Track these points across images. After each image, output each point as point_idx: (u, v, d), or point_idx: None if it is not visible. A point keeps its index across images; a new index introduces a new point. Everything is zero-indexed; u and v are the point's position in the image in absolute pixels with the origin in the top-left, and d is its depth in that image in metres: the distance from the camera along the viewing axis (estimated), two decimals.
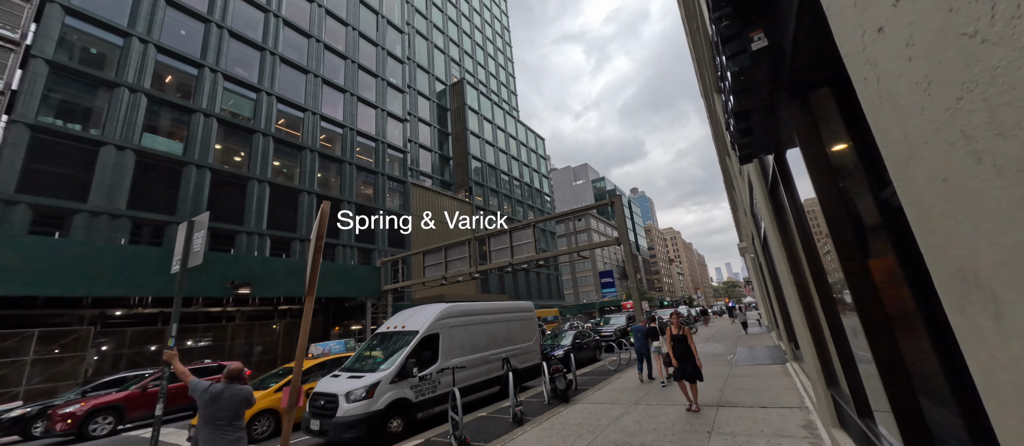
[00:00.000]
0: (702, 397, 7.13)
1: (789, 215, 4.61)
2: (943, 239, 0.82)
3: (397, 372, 6.86)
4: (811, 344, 4.37)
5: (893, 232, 2.10)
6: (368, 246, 28.93)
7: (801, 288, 4.47)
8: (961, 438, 1.89)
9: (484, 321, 9.52)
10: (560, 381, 7.90)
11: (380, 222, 30.32)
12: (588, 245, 20.91)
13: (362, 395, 6.27)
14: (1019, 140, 0.55)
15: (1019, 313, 0.65)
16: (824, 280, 3.41)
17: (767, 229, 5.20)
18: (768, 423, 5.37)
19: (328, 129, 28.33)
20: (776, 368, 9.32)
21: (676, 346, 6.64)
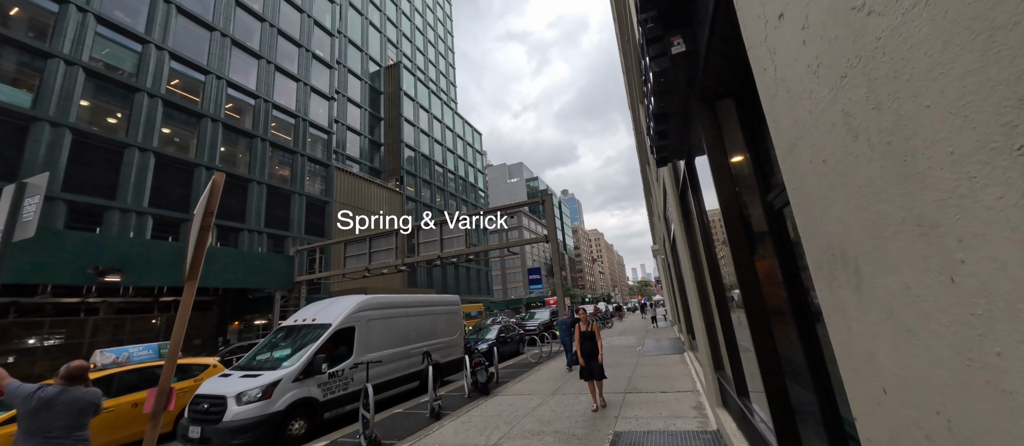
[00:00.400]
0: (613, 385, 7.63)
1: (694, 218, 5.08)
2: (819, 219, 0.87)
3: (303, 369, 6.23)
4: (705, 334, 4.87)
5: (775, 235, 2.36)
6: (281, 232, 26.20)
7: (700, 285, 4.95)
8: (814, 413, 2.19)
9: (407, 314, 9.12)
10: (481, 374, 7.87)
11: (297, 207, 27.65)
12: (519, 241, 21.28)
13: (257, 396, 5.57)
14: (891, 111, 0.57)
15: (876, 283, 0.70)
16: (719, 278, 3.79)
17: (676, 231, 5.68)
18: (666, 406, 5.90)
19: (237, 98, 24.99)
20: (676, 357, 10.35)
21: (584, 343, 6.25)
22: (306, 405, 6.19)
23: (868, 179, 0.66)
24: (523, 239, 20.72)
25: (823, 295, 0.93)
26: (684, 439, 4.55)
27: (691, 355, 9.67)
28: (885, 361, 0.71)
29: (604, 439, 4.82)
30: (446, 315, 10.74)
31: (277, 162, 27.04)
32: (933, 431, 0.60)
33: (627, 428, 5.12)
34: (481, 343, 13.59)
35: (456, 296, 11.51)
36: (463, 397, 7.97)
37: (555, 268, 19.75)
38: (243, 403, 5.51)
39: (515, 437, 5.21)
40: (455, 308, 11.19)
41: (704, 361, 5.02)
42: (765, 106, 1.07)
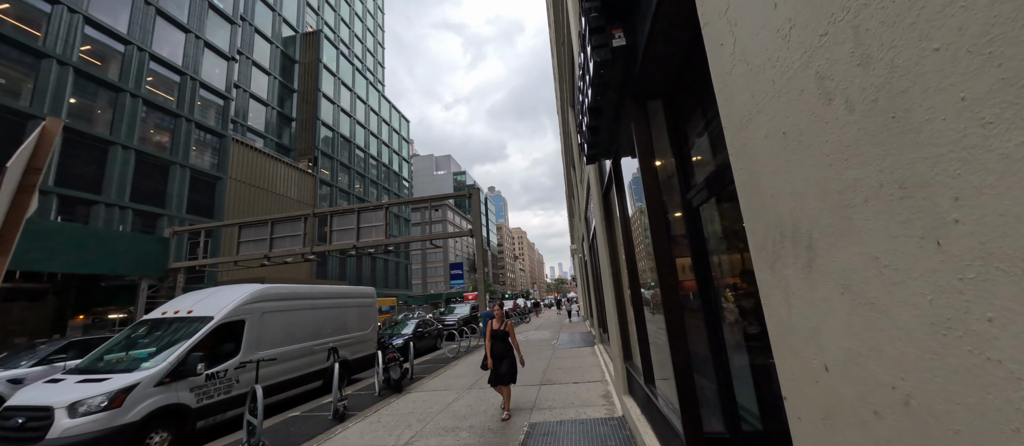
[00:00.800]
0: (529, 377, 7.77)
1: (616, 216, 5.35)
2: (768, 197, 0.85)
3: (170, 370, 5.18)
4: (617, 327, 5.16)
5: (692, 233, 2.52)
6: (153, 209, 22.05)
7: (616, 280, 5.24)
8: (714, 396, 2.38)
9: (312, 307, 8.21)
10: (394, 371, 7.42)
11: (178, 180, 23.51)
12: (443, 235, 20.75)
13: (100, 405, 4.45)
14: (883, 63, 0.53)
15: (833, 257, 0.67)
16: (636, 274, 4.01)
17: (597, 228, 5.94)
18: (578, 396, 6.15)
19: (99, 41, 20.30)
20: (587, 350, 10.97)
21: (495, 344, 5.44)
22: (173, 413, 5.16)
23: (839, 145, 0.63)
24: (447, 232, 20.26)
25: (763, 276, 0.92)
26: (593, 426, 4.75)
27: (601, 347, 10.32)
28: (832, 338, 0.70)
29: (519, 431, 4.83)
30: (359, 308, 9.96)
31: (153, 125, 22.62)
32: (884, 406, 0.59)
33: (541, 419, 5.21)
34: (396, 338, 12.91)
35: (371, 288, 10.75)
36: (374, 396, 7.43)
37: (478, 264, 19.68)
38: (79, 415, 4.36)
39: (428, 435, 4.96)
40: (369, 301, 10.43)
41: (615, 352, 5.32)
42: (718, 85, 1.05)
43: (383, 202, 20.32)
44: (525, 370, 8.51)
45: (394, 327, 14.47)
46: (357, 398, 7.38)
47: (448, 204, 77.62)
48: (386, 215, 19.70)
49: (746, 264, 2.18)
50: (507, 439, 4.59)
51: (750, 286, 2.18)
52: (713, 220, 2.40)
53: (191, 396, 5.42)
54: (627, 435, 4.31)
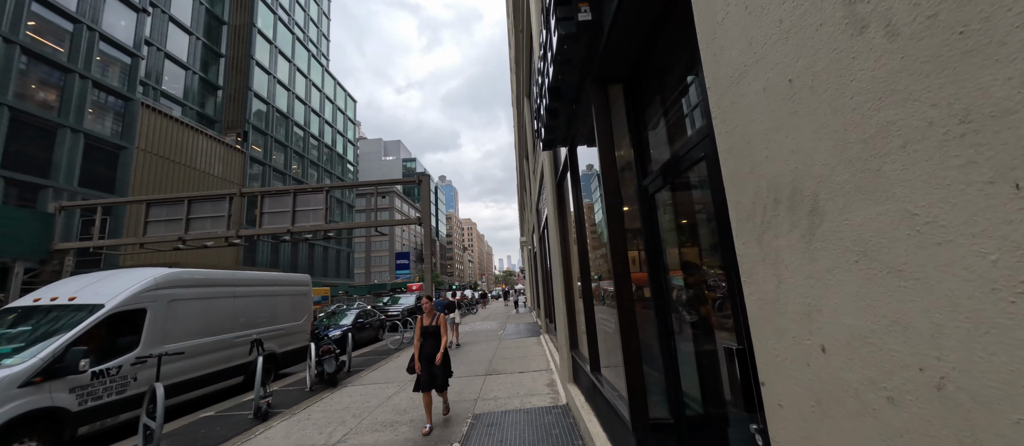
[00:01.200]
0: (474, 368, 7.63)
1: (569, 205, 5.33)
2: (760, 159, 0.76)
3: (42, 368, 4.30)
4: (565, 317, 5.18)
5: (647, 224, 2.49)
6: (34, 180, 18.69)
7: (566, 270, 5.24)
8: (659, 384, 2.39)
9: (234, 295, 7.36)
10: (329, 364, 6.88)
11: (68, 147, 20.11)
12: (390, 222, 19.80)
13: None
14: None
15: (845, 222, 0.58)
16: (587, 263, 4.00)
17: (549, 218, 5.90)
18: (523, 386, 6.13)
19: None
20: (533, 340, 11.09)
21: (425, 342, 4.70)
22: (45, 418, 4.30)
23: (870, 82, 0.53)
24: (394, 220, 19.36)
25: (747, 250, 0.83)
26: (538, 415, 4.73)
27: (547, 337, 10.47)
28: (834, 314, 0.61)
29: (463, 423, 4.67)
30: (292, 297, 9.15)
31: (35, 79, 19.03)
32: (904, 391, 0.51)
33: (486, 409, 5.10)
34: (334, 330, 12.11)
35: (306, 276, 9.93)
36: (305, 391, 6.85)
37: (426, 253, 19.10)
38: None
39: (364, 431, 4.63)
40: (304, 290, 9.63)
41: (561, 342, 5.34)
42: (705, 40, 0.95)
43: (323, 184, 18.91)
44: (471, 361, 8.39)
45: (332, 318, 13.57)
46: (285, 394, 6.76)
47: (396, 191, 74.79)
48: (326, 199, 18.34)
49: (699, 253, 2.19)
50: (450, 433, 4.41)
51: (696, 276, 2.20)
52: (667, 209, 2.40)
53: (71, 398, 4.56)
54: (571, 423, 4.34)
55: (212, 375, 6.59)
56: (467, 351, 9.97)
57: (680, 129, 2.25)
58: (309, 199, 18.63)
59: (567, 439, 3.93)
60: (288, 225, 18.25)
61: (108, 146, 22.68)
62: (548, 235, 7.07)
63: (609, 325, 3.30)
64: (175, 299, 6.10)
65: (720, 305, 1.89)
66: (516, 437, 4.12)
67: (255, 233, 18.36)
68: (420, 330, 4.80)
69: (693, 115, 2.10)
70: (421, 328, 4.81)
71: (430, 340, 4.75)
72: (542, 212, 9.09)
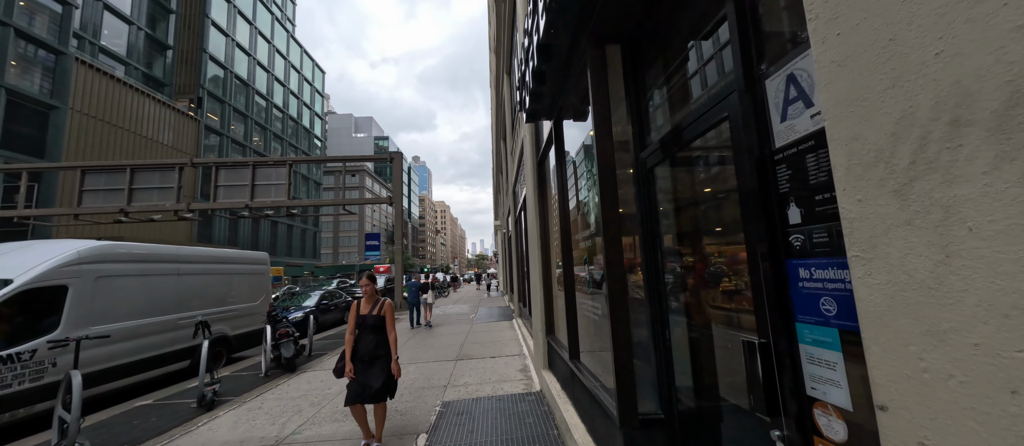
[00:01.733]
0: (445, 353, 7.35)
1: (550, 183, 5.04)
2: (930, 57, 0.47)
3: None
4: (541, 301, 4.95)
5: (642, 201, 2.23)
6: None
7: (545, 251, 4.98)
8: (649, 375, 2.18)
9: (178, 272, 6.65)
10: (286, 348, 6.39)
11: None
12: (359, 201, 18.91)
13: None
14: None
15: None
16: (569, 243, 3.74)
17: (527, 198, 5.60)
18: (495, 371, 5.92)
19: None
20: (505, 324, 10.92)
21: (361, 338, 3.49)
22: None
23: None
24: (364, 199, 18.47)
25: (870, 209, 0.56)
26: (510, 403, 4.53)
27: (520, 321, 10.32)
28: None
29: (431, 411, 4.39)
30: (248, 276, 8.47)
31: None
32: None
33: (456, 397, 4.84)
34: (296, 311, 11.45)
35: (263, 254, 9.22)
36: (260, 377, 6.34)
37: (397, 234, 18.46)
38: None
39: (322, 421, 4.26)
40: (261, 269, 8.94)
41: (537, 327, 5.13)
42: None
43: (287, 157, 17.71)
44: (442, 346, 8.10)
45: (294, 299, 12.84)
46: (237, 381, 6.23)
47: (366, 168, 72.20)
48: (290, 173, 17.22)
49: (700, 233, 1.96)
50: (417, 421, 4.12)
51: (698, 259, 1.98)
52: (666, 184, 2.14)
53: None
54: (545, 411, 4.15)
55: (151, 360, 5.95)
56: (438, 334, 9.66)
57: (687, 93, 1.98)
58: (270, 173, 17.47)
59: (542, 428, 3.73)
60: (246, 200, 17.08)
61: (36, 105, 20.29)
62: (526, 217, 6.79)
63: (594, 312, 3.07)
64: (104, 275, 5.39)
65: (731, 292, 1.67)
66: (488, 426, 3.89)
67: (209, 207, 17.09)
68: (354, 320, 3.54)
69: (705, 73, 1.83)
70: (356, 317, 3.55)
71: (370, 336, 3.48)
72: (520, 194, 8.79)
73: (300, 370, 6.64)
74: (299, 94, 50.60)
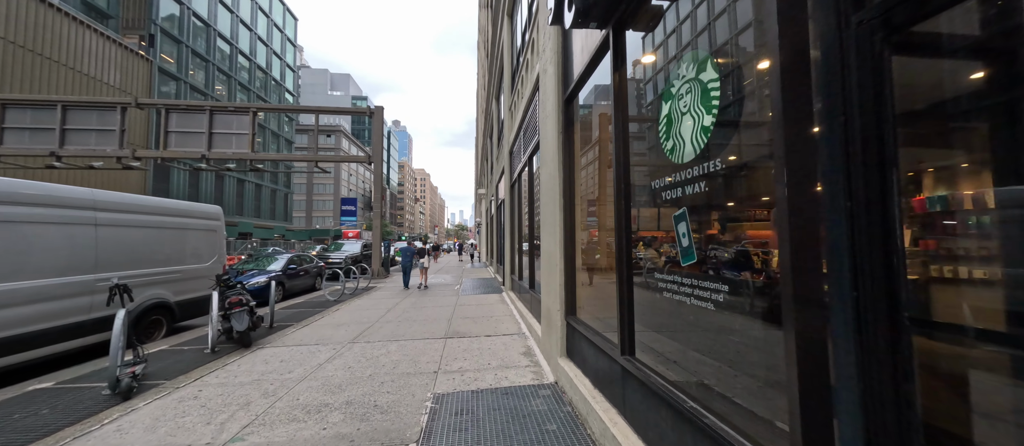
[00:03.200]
0: (432, 329, 6.39)
1: (576, 130, 3.98)
2: None
3: None
4: (561, 276, 3.99)
5: (877, 100, 1.21)
6: None
7: (568, 216, 3.98)
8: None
9: (96, 222, 5.30)
10: (238, 319, 5.25)
11: None
12: (333, 158, 17.22)
13: None
14: None
15: None
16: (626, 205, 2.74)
17: (545, 149, 4.54)
18: (494, 354, 5.02)
19: None
20: (495, 297, 10.05)
21: None
22: None
23: None
24: (339, 157, 16.81)
25: None
26: (520, 398, 3.64)
27: (511, 295, 9.45)
28: None
29: (420, 408, 3.45)
30: (197, 232, 7.13)
31: None
32: None
33: (451, 387, 3.90)
34: (258, 275, 10.16)
35: (216, 208, 7.83)
36: (204, 353, 5.21)
37: (376, 196, 17.03)
38: None
39: (275, 421, 3.23)
40: (212, 225, 7.58)
41: (552, 305, 4.20)
42: None
43: (250, 104, 15.74)
44: (427, 320, 7.12)
45: (259, 262, 11.49)
46: (175, 358, 5.08)
47: (342, 129, 68.45)
48: (253, 122, 15.32)
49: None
50: (402, 424, 3.16)
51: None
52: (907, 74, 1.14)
53: None
54: (570, 413, 3.27)
55: (55, 331, 4.69)
56: (422, 306, 8.68)
57: None
58: (231, 120, 15.53)
59: (570, 441, 2.85)
60: (203, 149, 15.20)
61: None
62: (531, 177, 5.71)
63: (679, 297, 2.11)
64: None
65: None
66: (497, 433, 2.98)
67: (158, 156, 15.11)
68: None
69: None
70: None
71: None
72: (520, 153, 7.68)
73: (257, 346, 5.54)
74: (268, 41, 46.41)
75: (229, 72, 38.94)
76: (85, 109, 14.99)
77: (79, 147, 14.80)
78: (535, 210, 6.26)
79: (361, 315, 7.80)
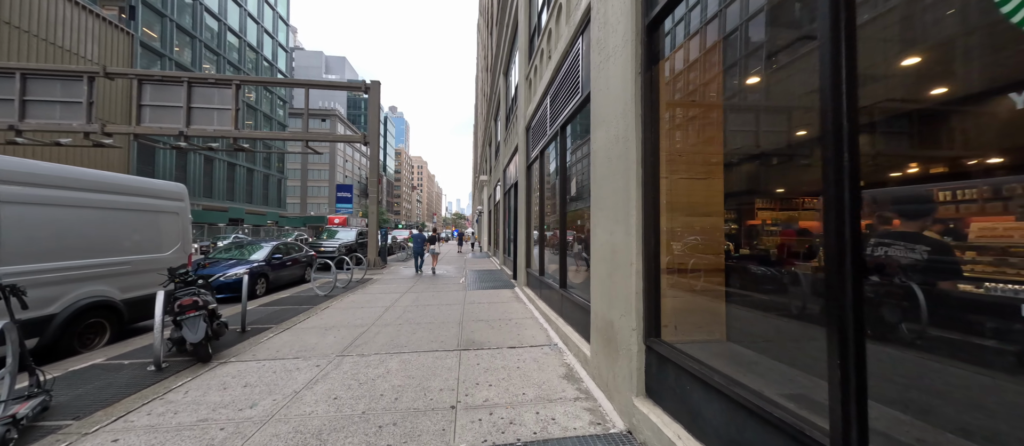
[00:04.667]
0: (438, 333, 5.21)
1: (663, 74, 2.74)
2: None
3: None
4: (638, 279, 2.79)
5: None
6: None
7: (650, 193, 2.76)
8: None
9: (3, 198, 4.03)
10: (192, 328, 4.02)
11: None
12: (326, 137, 15.83)
13: None
14: None
15: None
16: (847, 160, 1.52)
17: (605, 107, 3.30)
18: (526, 376, 3.85)
19: None
20: (507, 293, 8.89)
21: None
22: None
23: None
24: (334, 135, 15.41)
25: None
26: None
27: (526, 291, 8.28)
28: None
29: None
30: (152, 215, 5.88)
31: None
32: None
33: (478, 437, 2.73)
34: (237, 266, 8.92)
35: (179, 186, 6.54)
36: (148, 370, 4.00)
37: (372, 179, 15.71)
38: None
39: None
40: (174, 206, 6.32)
41: (625, 323, 3.00)
42: None
43: (232, 76, 14.26)
44: (433, 323, 5.91)
45: (240, 251, 10.22)
46: (107, 378, 3.87)
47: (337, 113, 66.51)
48: (237, 96, 13.87)
49: None
50: None
51: None
52: None
53: None
54: None
55: None
56: (426, 302, 7.49)
57: None
58: (212, 94, 14.06)
59: None
60: (181, 125, 13.78)
61: None
62: (594, 142, 4.53)
63: None
64: None
65: None
66: None
67: (130, 132, 13.68)
68: None
69: None
70: None
71: None
72: (545, 125, 6.42)
73: (219, 359, 4.33)
74: (259, 18, 44.30)
75: (217, 49, 37.04)
76: (48, 78, 13.49)
77: (42, 120, 13.35)
78: (572, 192, 5.03)
79: (354, 315, 6.60)
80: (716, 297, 2.61)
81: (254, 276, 8.87)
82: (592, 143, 3.62)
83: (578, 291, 4.86)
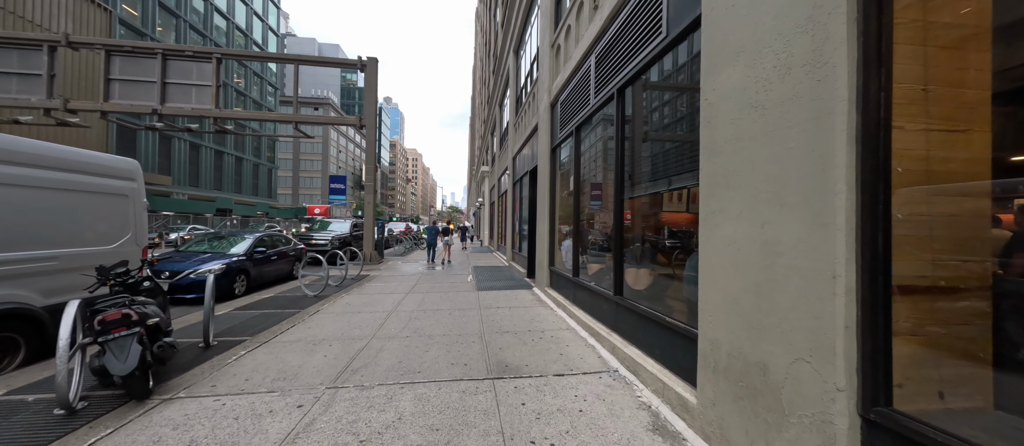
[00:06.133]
0: (460, 356, 4.04)
1: None
2: None
3: None
4: (852, 302, 1.64)
5: None
6: None
7: (875, 173, 1.60)
8: None
9: None
10: (119, 353, 2.82)
11: None
12: (318, 120, 14.48)
13: None
14: None
15: None
16: None
17: (790, 32, 2.12)
18: (596, 429, 2.72)
19: None
20: (524, 294, 7.74)
21: None
22: None
23: None
24: (327, 118, 14.06)
25: None
26: None
27: (553, 294, 7.13)
28: None
29: None
30: (100, 197, 4.64)
31: None
32: None
33: None
34: (212, 261, 7.65)
35: (131, 162, 5.27)
36: (56, 414, 2.79)
37: (369, 166, 14.43)
38: None
39: None
40: (123, 186, 5.06)
41: (797, 375, 1.87)
42: None
43: (212, 48, 12.83)
44: (449, 334, 4.69)
45: (213, 244, 8.91)
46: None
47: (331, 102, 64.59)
48: (218, 72, 12.46)
49: None
50: None
51: None
52: None
53: None
54: None
55: None
56: (436, 311, 6.30)
57: None
58: (189, 69, 12.62)
59: None
60: (154, 102, 12.34)
61: None
62: (721, 81, 3.35)
63: None
64: None
65: None
66: None
67: (96, 108, 12.24)
68: None
69: None
70: None
71: None
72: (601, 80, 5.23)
73: (161, 393, 3.13)
74: (249, 2, 42.27)
75: (203, 30, 35.16)
76: (2, 47, 11.96)
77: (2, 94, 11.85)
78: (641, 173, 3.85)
79: (350, 322, 5.42)
80: (976, 334, 1.50)
81: (232, 273, 7.63)
82: (708, 93, 2.46)
83: (647, 301, 3.72)
